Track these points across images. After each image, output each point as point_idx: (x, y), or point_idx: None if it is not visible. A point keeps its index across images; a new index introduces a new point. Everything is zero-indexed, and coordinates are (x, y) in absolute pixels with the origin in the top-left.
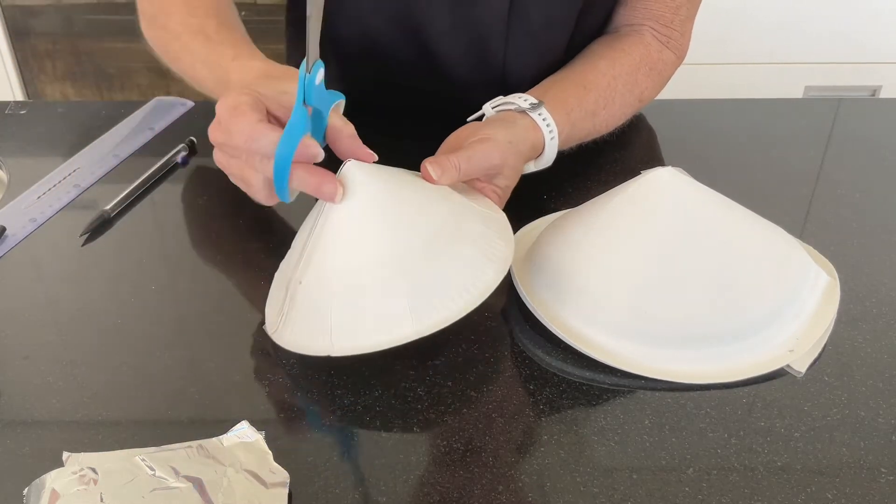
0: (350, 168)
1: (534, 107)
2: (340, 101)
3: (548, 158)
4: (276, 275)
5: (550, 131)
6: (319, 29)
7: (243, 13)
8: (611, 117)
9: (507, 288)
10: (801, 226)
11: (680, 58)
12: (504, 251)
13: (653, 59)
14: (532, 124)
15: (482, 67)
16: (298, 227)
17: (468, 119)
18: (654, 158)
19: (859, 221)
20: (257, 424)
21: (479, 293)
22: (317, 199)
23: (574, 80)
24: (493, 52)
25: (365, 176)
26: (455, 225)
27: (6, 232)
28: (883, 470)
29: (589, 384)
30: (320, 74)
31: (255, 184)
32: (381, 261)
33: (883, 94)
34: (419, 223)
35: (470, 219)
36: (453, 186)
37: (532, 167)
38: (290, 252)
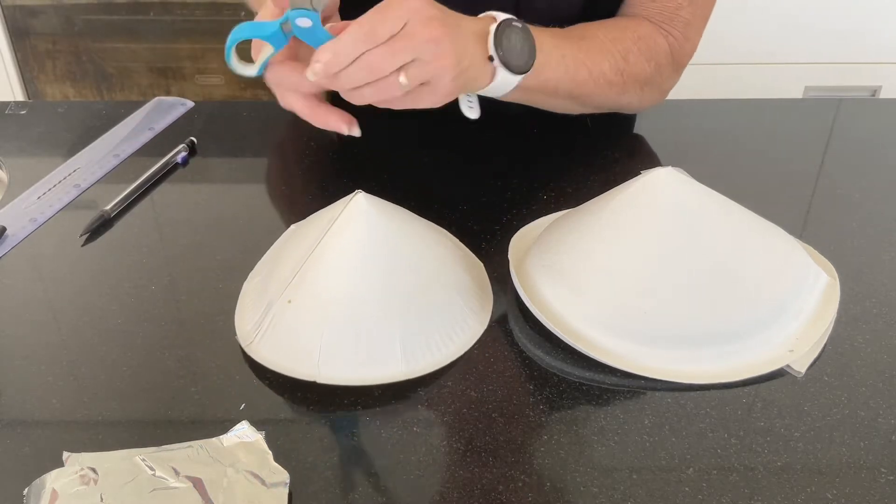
0: (360, 199)
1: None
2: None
3: (501, 16)
4: (248, 286)
5: (494, 12)
6: None
7: (243, 13)
8: (591, 52)
9: (508, 288)
10: (801, 226)
11: (676, 56)
12: (484, 301)
13: (643, 32)
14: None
15: None
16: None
17: None
18: (654, 158)
19: (859, 221)
20: (257, 424)
21: (465, 341)
22: (314, 216)
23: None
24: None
25: (374, 209)
26: (447, 270)
27: (6, 232)
28: (883, 470)
29: (589, 384)
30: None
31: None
32: (381, 296)
33: (883, 94)
34: (419, 264)
35: (458, 266)
36: (443, 244)
37: (492, 30)
38: (265, 265)
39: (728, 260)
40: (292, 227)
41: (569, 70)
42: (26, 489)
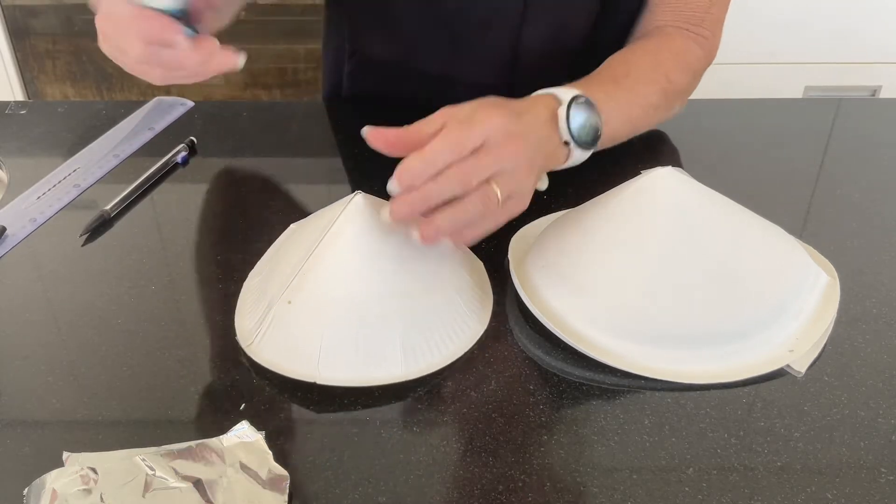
0: (359, 200)
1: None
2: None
3: (564, 95)
4: (248, 285)
5: (554, 90)
6: None
7: (242, 13)
8: (638, 86)
9: (508, 288)
10: (801, 226)
11: (709, 58)
12: (485, 301)
13: (677, 47)
14: (534, 97)
15: (494, 45)
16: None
17: None
18: (654, 158)
19: (859, 221)
20: (257, 424)
21: (465, 341)
22: (314, 220)
23: (583, 78)
24: (507, 30)
25: (374, 210)
26: (447, 270)
27: (6, 232)
28: (883, 470)
29: (589, 384)
30: None
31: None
32: (381, 297)
33: (883, 94)
34: (419, 265)
35: (458, 266)
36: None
37: (563, 115)
38: (265, 265)
39: (728, 260)
40: (292, 226)
41: (624, 114)
42: (26, 489)
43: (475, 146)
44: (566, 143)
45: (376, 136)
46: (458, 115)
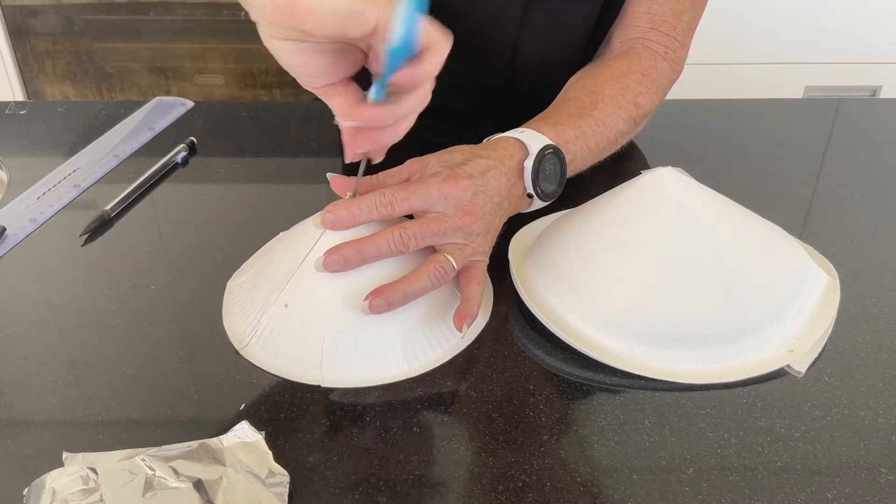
0: None
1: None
2: None
3: (534, 144)
4: (232, 285)
5: (522, 131)
6: None
7: (243, 13)
8: (607, 118)
9: (507, 288)
10: (801, 226)
11: (676, 70)
12: (485, 301)
13: (644, 66)
14: (503, 143)
15: (493, 47)
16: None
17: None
18: (654, 158)
19: (859, 221)
20: (257, 424)
21: (466, 337)
22: (310, 219)
23: (552, 106)
24: (506, 33)
25: None
26: None
27: (6, 232)
28: (883, 470)
29: (589, 384)
30: None
31: None
32: None
33: (883, 94)
34: (416, 264)
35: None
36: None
37: (529, 167)
38: (250, 266)
39: (728, 260)
40: (280, 234)
41: (591, 148)
42: (26, 489)
43: (413, 210)
44: (529, 197)
45: (339, 186)
46: (420, 170)
